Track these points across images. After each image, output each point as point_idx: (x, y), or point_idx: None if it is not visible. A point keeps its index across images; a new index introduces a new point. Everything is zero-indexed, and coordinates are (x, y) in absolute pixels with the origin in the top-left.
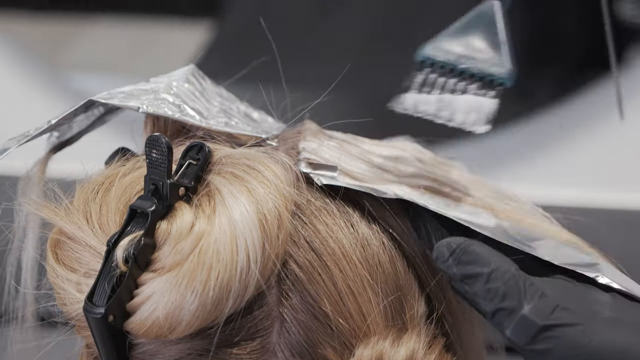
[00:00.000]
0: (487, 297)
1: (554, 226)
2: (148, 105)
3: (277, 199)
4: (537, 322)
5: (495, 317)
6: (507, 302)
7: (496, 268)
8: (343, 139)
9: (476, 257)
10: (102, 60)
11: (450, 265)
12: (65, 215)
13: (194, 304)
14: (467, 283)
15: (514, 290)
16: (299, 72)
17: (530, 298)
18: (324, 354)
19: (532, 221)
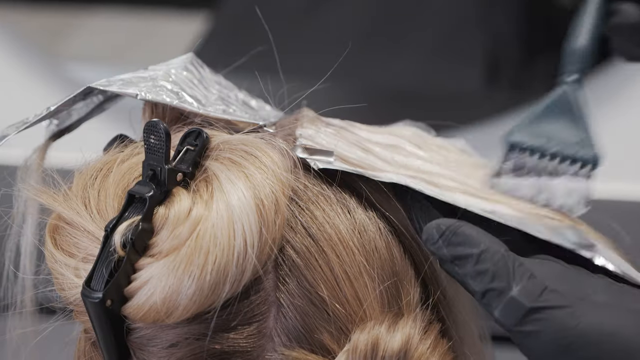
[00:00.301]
0: (477, 278)
1: (549, 212)
2: (147, 92)
3: (274, 184)
4: (525, 304)
5: (484, 297)
6: (497, 283)
7: (486, 249)
8: (340, 126)
9: (466, 239)
10: (100, 51)
11: (440, 246)
12: (63, 201)
13: (191, 288)
14: (457, 264)
15: (503, 271)
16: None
17: (519, 279)
18: (320, 338)
19: (528, 207)
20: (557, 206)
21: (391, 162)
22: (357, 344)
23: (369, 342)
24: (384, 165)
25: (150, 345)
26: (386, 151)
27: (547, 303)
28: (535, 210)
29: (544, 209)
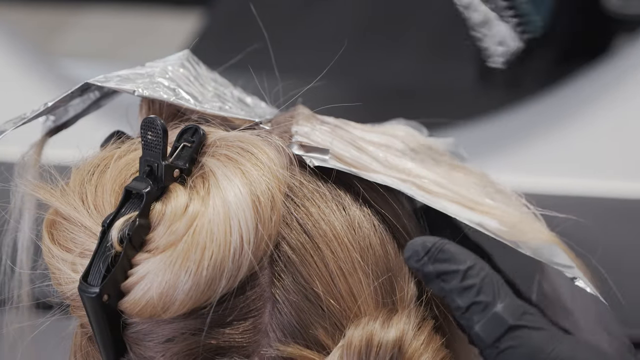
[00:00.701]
0: (463, 293)
1: (534, 223)
2: (144, 88)
3: (270, 181)
4: (507, 321)
5: (467, 311)
6: (483, 297)
7: (472, 266)
8: (335, 124)
9: (452, 256)
10: (96, 48)
11: (425, 263)
12: (61, 197)
13: (187, 283)
14: (443, 279)
15: (489, 288)
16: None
17: (504, 297)
18: (315, 334)
19: (513, 220)
20: (485, 47)
21: (384, 162)
22: (351, 339)
23: (363, 338)
24: (377, 166)
25: (146, 340)
26: (379, 151)
27: (528, 323)
28: (522, 225)
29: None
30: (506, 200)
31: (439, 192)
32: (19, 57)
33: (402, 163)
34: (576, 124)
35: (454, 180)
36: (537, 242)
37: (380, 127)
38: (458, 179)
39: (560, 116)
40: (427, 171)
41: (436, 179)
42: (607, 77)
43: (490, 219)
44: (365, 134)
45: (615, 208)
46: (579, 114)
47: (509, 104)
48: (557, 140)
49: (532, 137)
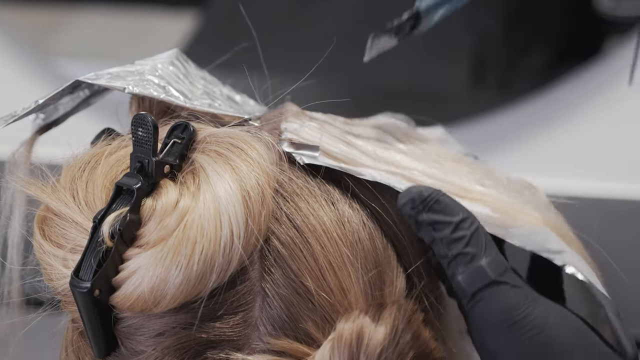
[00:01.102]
0: (452, 244)
1: (526, 206)
2: (134, 86)
3: (260, 176)
4: (490, 275)
5: (454, 260)
6: (470, 249)
7: (464, 218)
8: (324, 120)
9: (446, 207)
10: (90, 48)
11: (420, 211)
12: (52, 193)
13: (178, 278)
14: (434, 228)
15: (477, 241)
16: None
17: (489, 252)
18: (305, 328)
19: (505, 205)
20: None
21: (373, 155)
22: (342, 332)
23: (353, 331)
24: (367, 159)
25: (137, 334)
26: (368, 144)
27: (508, 280)
28: (513, 210)
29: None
30: (497, 186)
31: (429, 183)
32: (14, 57)
33: (390, 155)
34: (568, 125)
35: (443, 169)
36: (530, 227)
37: (368, 121)
38: (447, 168)
39: (551, 117)
40: (416, 162)
41: (425, 169)
42: (598, 79)
43: (481, 205)
44: (354, 128)
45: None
46: (570, 115)
47: (501, 105)
48: (548, 141)
49: (524, 138)
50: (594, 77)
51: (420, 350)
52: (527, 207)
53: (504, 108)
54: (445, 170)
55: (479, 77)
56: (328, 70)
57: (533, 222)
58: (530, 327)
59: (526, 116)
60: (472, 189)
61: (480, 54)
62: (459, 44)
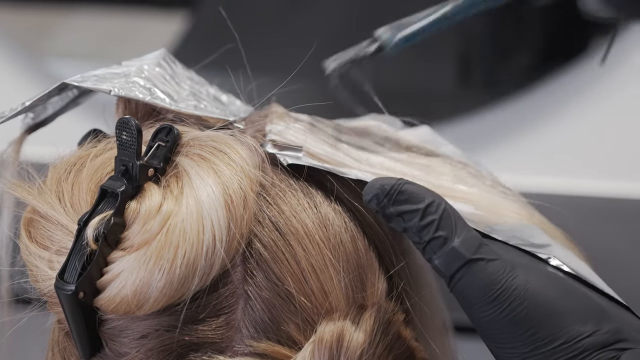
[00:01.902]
0: (423, 230)
1: (512, 204)
2: (120, 88)
3: (242, 180)
4: (465, 255)
5: (428, 246)
6: (441, 232)
7: (430, 203)
8: (309, 122)
9: (410, 195)
10: (83, 49)
11: (385, 205)
12: (38, 195)
13: (161, 281)
14: (404, 219)
15: (447, 223)
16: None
17: (460, 231)
18: (287, 330)
19: (489, 203)
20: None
21: (357, 157)
22: (322, 335)
23: (334, 333)
24: (351, 161)
25: (121, 336)
26: (352, 147)
27: (483, 255)
28: (496, 208)
29: (507, 205)
30: (480, 184)
31: None
32: (7, 58)
33: (374, 158)
34: (552, 124)
35: (426, 169)
36: (513, 223)
37: (353, 124)
38: (430, 168)
39: (536, 116)
40: (399, 164)
41: (408, 170)
42: (582, 79)
43: (465, 204)
44: (338, 130)
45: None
46: (554, 115)
47: (487, 104)
48: (533, 139)
49: (509, 137)
50: (578, 77)
51: (401, 351)
52: (512, 205)
53: (489, 107)
54: (428, 171)
55: (465, 77)
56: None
57: (517, 219)
58: (512, 298)
59: (511, 115)
60: (456, 188)
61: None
62: (445, 44)
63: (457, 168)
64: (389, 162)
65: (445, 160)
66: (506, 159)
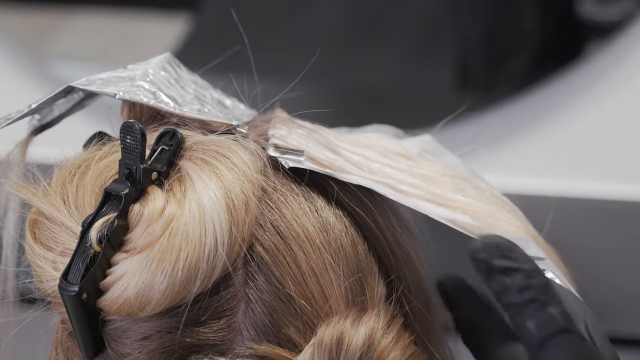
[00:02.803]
0: (524, 290)
1: (508, 216)
2: (125, 92)
3: (244, 184)
4: (560, 323)
5: (525, 307)
6: (541, 296)
7: (536, 268)
8: (312, 129)
9: (519, 255)
10: (86, 50)
11: (493, 256)
12: (43, 197)
13: (163, 283)
14: (507, 274)
15: (548, 290)
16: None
17: (560, 303)
18: (287, 333)
19: (486, 214)
20: None
21: (358, 164)
22: (322, 338)
23: (334, 336)
24: (352, 168)
25: (124, 337)
26: (354, 155)
27: (572, 327)
28: (493, 219)
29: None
30: (478, 195)
31: (411, 192)
32: (10, 59)
33: (375, 166)
34: (549, 126)
35: (425, 179)
36: (510, 235)
37: (355, 135)
38: (429, 178)
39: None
40: (399, 172)
41: (407, 179)
42: (579, 82)
43: (462, 214)
44: (340, 139)
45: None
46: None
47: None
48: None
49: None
50: (575, 80)
51: (400, 353)
52: (508, 216)
53: (486, 110)
54: (427, 180)
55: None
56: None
57: (513, 230)
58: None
59: (509, 118)
60: (454, 198)
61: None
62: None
63: (456, 178)
64: (390, 170)
65: (445, 170)
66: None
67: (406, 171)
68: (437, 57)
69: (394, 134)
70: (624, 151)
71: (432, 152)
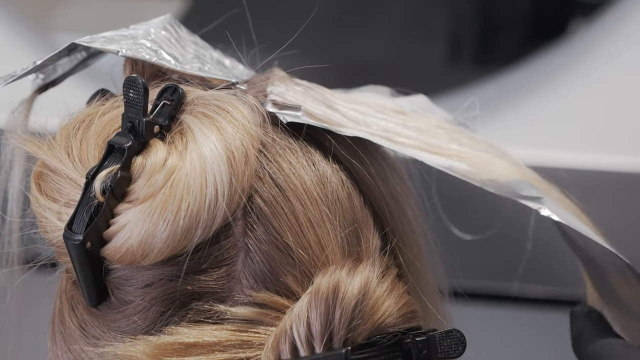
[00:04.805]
0: None
1: (504, 162)
2: (127, 49)
3: (244, 137)
4: None
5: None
6: None
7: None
8: (309, 86)
9: None
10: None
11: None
12: (47, 150)
13: (165, 232)
14: None
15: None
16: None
17: None
18: (285, 281)
19: (482, 160)
20: None
21: (354, 119)
22: (319, 286)
23: (330, 285)
24: (348, 122)
25: (127, 285)
26: (350, 111)
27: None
28: (489, 165)
29: (499, 161)
30: (473, 144)
31: (407, 143)
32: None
33: (371, 120)
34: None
35: (420, 131)
36: (506, 178)
37: (351, 94)
38: (424, 130)
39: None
40: (395, 125)
41: (403, 131)
42: (565, 57)
43: (459, 162)
44: (337, 97)
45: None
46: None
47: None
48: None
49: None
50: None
51: (394, 302)
52: (504, 163)
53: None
54: (423, 132)
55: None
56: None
57: (509, 175)
58: None
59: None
60: (450, 147)
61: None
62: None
63: (450, 131)
64: (385, 123)
65: (439, 122)
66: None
67: (401, 124)
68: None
69: (389, 94)
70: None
71: (426, 110)
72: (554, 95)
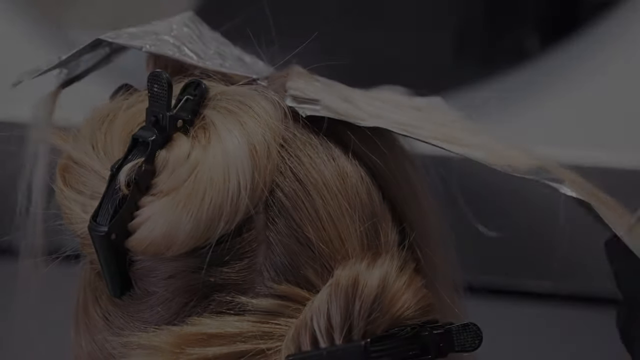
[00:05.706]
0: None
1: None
2: (151, 45)
3: (266, 132)
4: None
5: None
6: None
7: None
8: (327, 83)
9: None
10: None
11: None
12: (73, 142)
13: (188, 224)
14: None
15: None
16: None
17: None
18: (305, 274)
19: (500, 150)
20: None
21: (373, 114)
22: (339, 279)
23: (350, 278)
24: (367, 116)
25: (150, 276)
26: (369, 106)
27: None
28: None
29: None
30: (489, 138)
31: (427, 134)
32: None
33: (389, 115)
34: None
35: (438, 124)
36: (526, 166)
37: (368, 92)
38: (442, 124)
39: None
40: (414, 120)
41: (422, 124)
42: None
43: (476, 151)
44: (355, 93)
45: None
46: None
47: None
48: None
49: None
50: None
51: (412, 295)
52: (522, 153)
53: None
54: (440, 126)
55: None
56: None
57: (530, 162)
58: None
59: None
60: (467, 138)
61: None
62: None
63: (466, 125)
64: (403, 118)
65: (457, 120)
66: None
67: (419, 119)
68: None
69: (405, 94)
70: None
71: (442, 110)
72: (565, 92)
